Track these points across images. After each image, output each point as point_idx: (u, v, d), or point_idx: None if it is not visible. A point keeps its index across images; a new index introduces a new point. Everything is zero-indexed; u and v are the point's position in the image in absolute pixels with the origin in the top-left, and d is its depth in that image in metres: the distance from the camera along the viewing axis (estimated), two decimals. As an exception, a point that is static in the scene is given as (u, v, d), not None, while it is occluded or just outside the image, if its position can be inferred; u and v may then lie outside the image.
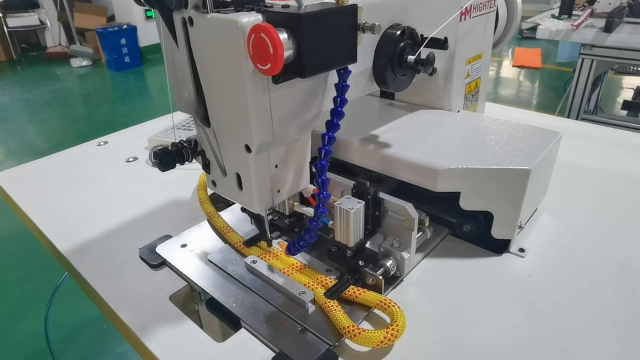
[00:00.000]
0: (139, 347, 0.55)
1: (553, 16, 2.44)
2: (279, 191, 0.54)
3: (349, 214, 0.56)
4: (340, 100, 0.49)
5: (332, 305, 0.54)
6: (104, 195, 0.85)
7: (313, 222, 0.52)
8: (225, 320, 0.59)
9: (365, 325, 0.55)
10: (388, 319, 0.54)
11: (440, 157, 0.60)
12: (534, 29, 2.60)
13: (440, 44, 0.57)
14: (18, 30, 5.49)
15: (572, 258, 0.65)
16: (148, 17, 5.23)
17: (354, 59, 0.47)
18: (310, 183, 0.58)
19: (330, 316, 0.53)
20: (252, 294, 0.59)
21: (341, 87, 0.49)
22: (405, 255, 0.59)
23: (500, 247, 0.66)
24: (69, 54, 5.28)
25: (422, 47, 0.58)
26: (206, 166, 0.55)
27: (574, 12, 2.44)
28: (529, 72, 4.61)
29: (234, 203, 0.76)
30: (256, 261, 0.62)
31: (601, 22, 2.21)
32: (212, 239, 0.69)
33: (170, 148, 0.53)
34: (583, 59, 2.43)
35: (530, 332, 0.53)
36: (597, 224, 0.72)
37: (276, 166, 0.52)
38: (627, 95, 3.68)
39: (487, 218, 0.64)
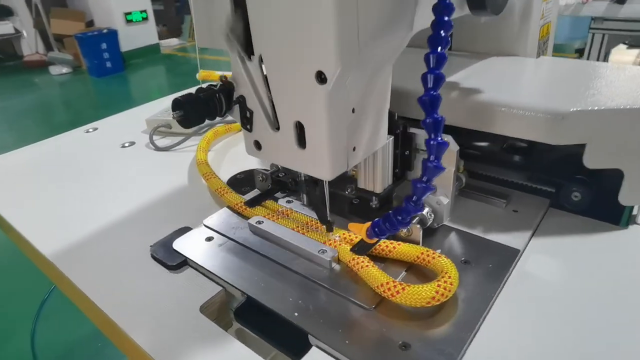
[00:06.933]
0: (163, 381, 0.39)
1: (562, -10, 2.33)
2: (354, 149, 0.38)
3: (376, 152, 0.44)
4: (444, 5, 0.34)
5: (363, 262, 0.43)
6: (98, 186, 0.69)
7: (410, 202, 0.37)
8: (266, 337, 0.43)
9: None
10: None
11: (556, 100, 0.45)
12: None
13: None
14: (-8, 40, 5.24)
15: None
16: (128, 21, 5.04)
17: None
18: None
19: (361, 274, 0.43)
20: (318, 298, 0.43)
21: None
22: (443, 200, 0.49)
23: (620, 217, 0.51)
24: (47, 61, 5.04)
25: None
26: (247, 119, 0.39)
27: (582, -14, 2.34)
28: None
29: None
30: (262, 222, 0.52)
31: (613, -6, 2.11)
32: (244, 225, 0.53)
33: (197, 94, 0.38)
34: (594, 34, 2.33)
35: None
36: None
37: (353, 110, 0.36)
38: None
39: (601, 181, 0.49)
